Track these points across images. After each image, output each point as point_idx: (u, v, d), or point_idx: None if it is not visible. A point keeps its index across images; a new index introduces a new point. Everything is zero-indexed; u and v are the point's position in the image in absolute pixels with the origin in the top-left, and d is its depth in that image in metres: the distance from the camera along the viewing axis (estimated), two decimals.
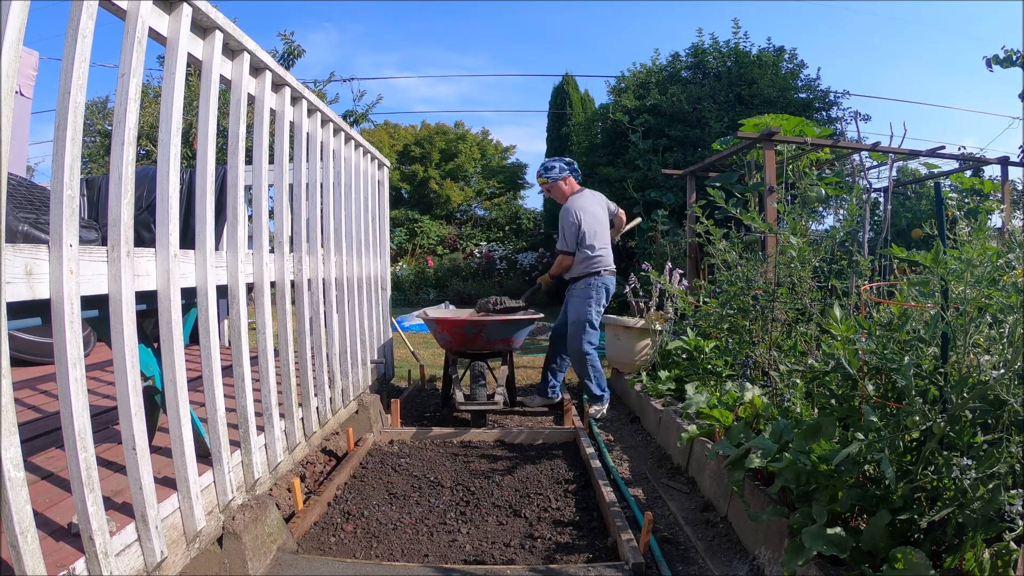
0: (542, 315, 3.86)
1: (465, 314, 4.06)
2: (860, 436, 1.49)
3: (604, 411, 3.67)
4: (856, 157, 5.60)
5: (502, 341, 3.54)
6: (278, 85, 2.30)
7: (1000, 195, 5.73)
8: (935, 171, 6.29)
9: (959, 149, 5.64)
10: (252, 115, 2.12)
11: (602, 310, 3.64)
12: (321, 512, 2.19)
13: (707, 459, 2.39)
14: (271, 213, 2.38)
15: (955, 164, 5.99)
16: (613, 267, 3.71)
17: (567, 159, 3.83)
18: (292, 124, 2.46)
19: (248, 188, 2.26)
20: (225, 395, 1.83)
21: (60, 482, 1.78)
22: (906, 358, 1.46)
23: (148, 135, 8.05)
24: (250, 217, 2.35)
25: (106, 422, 2.34)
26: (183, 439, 1.58)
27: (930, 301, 1.56)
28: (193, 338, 1.87)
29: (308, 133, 2.65)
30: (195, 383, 1.81)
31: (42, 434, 2.13)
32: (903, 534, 1.47)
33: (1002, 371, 1.33)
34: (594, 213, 3.70)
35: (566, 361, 3.81)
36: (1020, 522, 1.28)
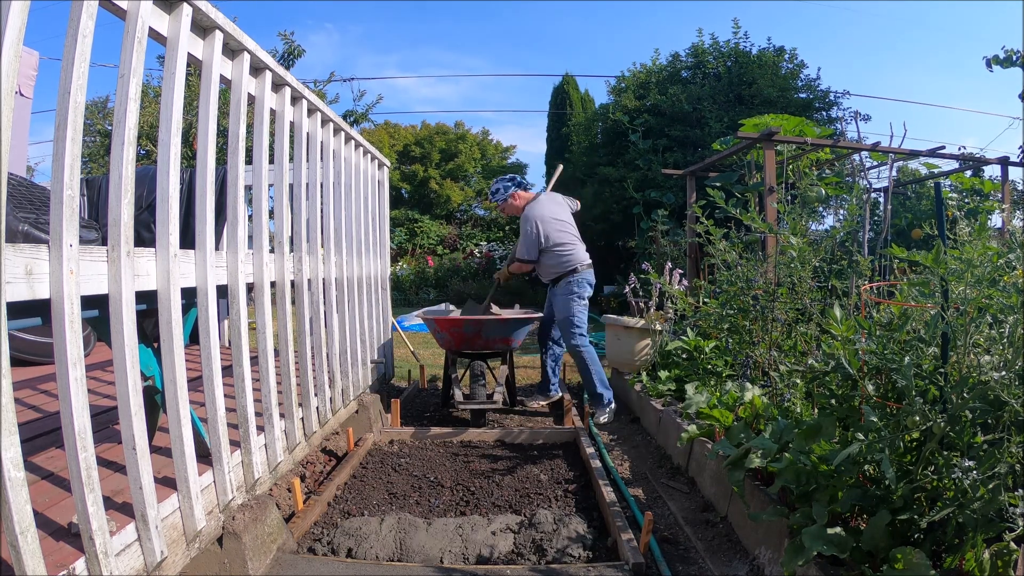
0: (540, 314, 3.88)
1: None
2: (860, 436, 1.49)
3: (608, 417, 3.58)
4: (856, 157, 5.59)
5: (501, 340, 3.58)
6: (278, 85, 2.30)
7: (1000, 195, 5.73)
8: (935, 171, 6.29)
9: (959, 149, 5.64)
10: (252, 115, 2.12)
11: (586, 303, 3.65)
12: (321, 512, 2.19)
13: (707, 459, 2.39)
14: (271, 213, 2.38)
15: (955, 164, 5.98)
16: (587, 260, 3.72)
17: (508, 175, 3.98)
18: (292, 124, 2.46)
19: (248, 188, 2.26)
20: (225, 395, 1.83)
21: (60, 482, 1.78)
22: (906, 358, 1.46)
23: (148, 135, 8.05)
24: (250, 217, 2.35)
25: (106, 422, 2.34)
26: (183, 439, 1.58)
27: (930, 301, 1.56)
28: (193, 338, 1.87)
29: (308, 133, 2.65)
30: (195, 383, 1.81)
31: (42, 434, 2.13)
32: (903, 534, 1.47)
33: (1002, 371, 1.33)
34: (554, 214, 3.72)
35: (558, 354, 3.98)
36: (1020, 522, 1.28)
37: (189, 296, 1.72)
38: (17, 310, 1.18)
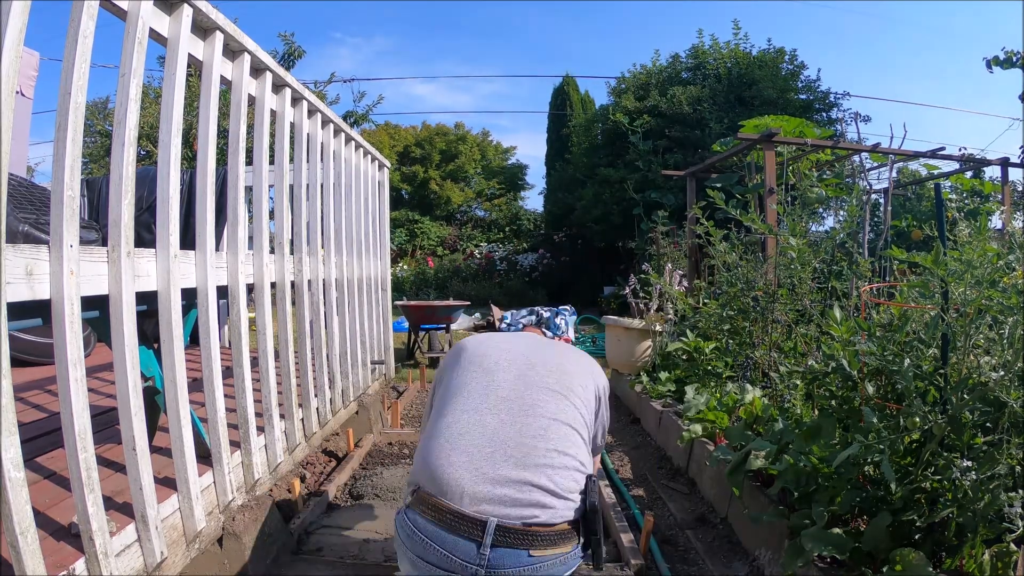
0: (469, 303, 6.07)
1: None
2: (860, 437, 1.49)
3: None
4: (856, 158, 5.58)
5: (445, 318, 5.69)
6: (279, 86, 2.30)
7: (1000, 196, 5.73)
8: (935, 172, 6.29)
9: (959, 150, 5.63)
10: (252, 116, 2.13)
11: None
12: (321, 513, 2.19)
13: (707, 461, 2.39)
14: (271, 214, 2.38)
15: (955, 165, 5.97)
16: None
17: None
18: (292, 125, 2.47)
19: (248, 189, 2.26)
20: (225, 396, 1.83)
21: (61, 482, 1.78)
22: (906, 359, 1.46)
23: (148, 136, 8.04)
24: (250, 218, 2.35)
25: (106, 422, 2.33)
26: (183, 439, 1.58)
27: (930, 303, 1.56)
28: (194, 339, 1.87)
29: (308, 134, 2.65)
30: (196, 384, 1.81)
31: (44, 434, 2.13)
32: (903, 535, 1.46)
33: (1002, 372, 1.33)
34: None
35: None
36: (1020, 523, 1.28)
37: (189, 297, 1.72)
38: (17, 310, 1.18)
